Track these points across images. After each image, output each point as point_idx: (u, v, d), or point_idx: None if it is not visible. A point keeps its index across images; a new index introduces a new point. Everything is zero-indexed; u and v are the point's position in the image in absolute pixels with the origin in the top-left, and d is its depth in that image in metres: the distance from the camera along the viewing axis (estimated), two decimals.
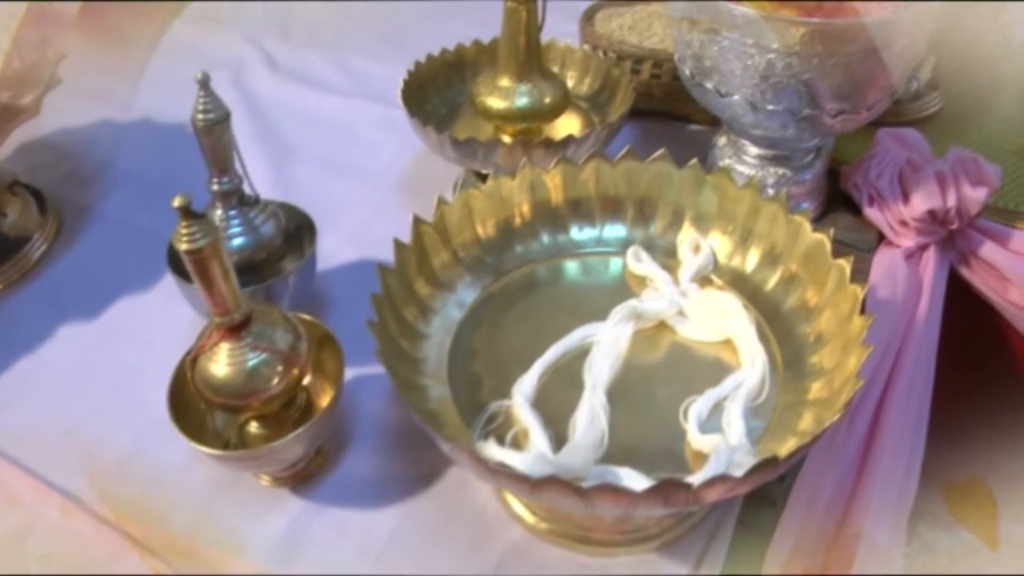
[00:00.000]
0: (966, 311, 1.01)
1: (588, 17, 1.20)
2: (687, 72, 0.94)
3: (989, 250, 0.99)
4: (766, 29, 0.83)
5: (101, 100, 1.28)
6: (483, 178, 0.85)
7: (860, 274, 0.96)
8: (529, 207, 0.86)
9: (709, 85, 0.91)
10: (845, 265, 0.74)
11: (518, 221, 0.86)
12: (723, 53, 0.87)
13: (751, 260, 0.83)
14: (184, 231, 0.64)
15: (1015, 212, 1.05)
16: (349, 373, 0.79)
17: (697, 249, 0.84)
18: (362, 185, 1.10)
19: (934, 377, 0.93)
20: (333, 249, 1.00)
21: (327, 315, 0.93)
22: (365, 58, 1.36)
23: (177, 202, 0.63)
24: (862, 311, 0.70)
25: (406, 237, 0.79)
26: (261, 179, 1.08)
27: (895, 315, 0.93)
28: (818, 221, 1.02)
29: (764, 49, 0.84)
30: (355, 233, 1.03)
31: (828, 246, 0.76)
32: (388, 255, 0.78)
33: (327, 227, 1.00)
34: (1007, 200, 1.06)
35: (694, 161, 0.84)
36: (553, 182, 0.85)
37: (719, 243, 0.85)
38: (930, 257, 0.99)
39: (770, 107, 0.88)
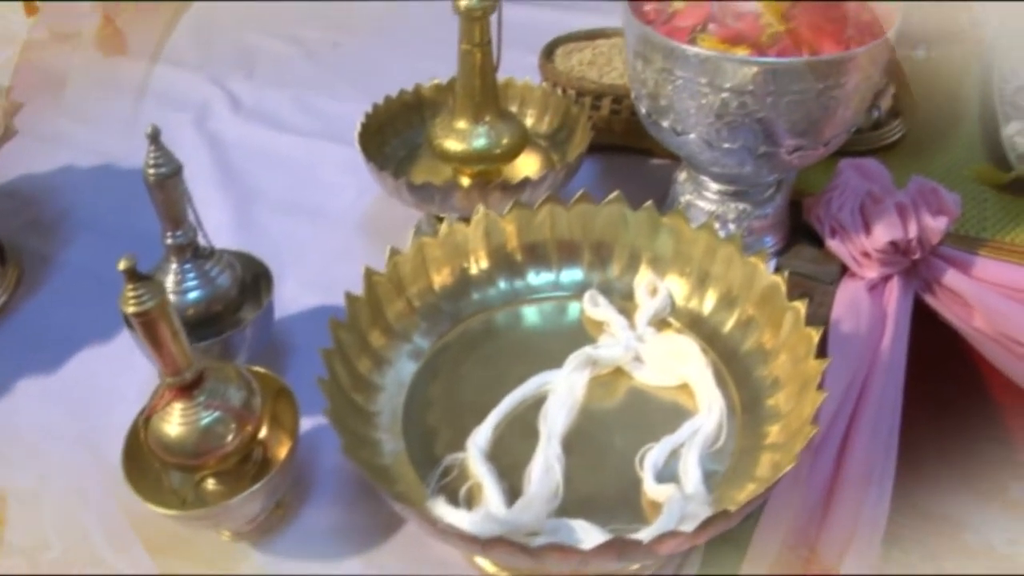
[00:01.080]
0: (935, 336, 1.01)
1: (548, 53, 1.20)
2: (643, 110, 0.94)
3: (952, 278, 0.99)
4: (719, 68, 0.83)
5: (64, 144, 1.28)
6: (443, 221, 0.85)
7: (823, 307, 0.96)
8: (485, 253, 0.86)
9: (665, 124, 0.91)
10: (800, 307, 0.73)
11: (474, 267, 0.86)
12: (677, 92, 0.87)
13: (708, 302, 0.83)
14: (131, 294, 0.63)
15: (976, 239, 1.05)
16: (310, 422, 0.79)
17: (654, 292, 0.84)
18: (324, 228, 1.10)
19: (902, 405, 0.93)
20: (294, 295, 0.99)
21: (287, 363, 0.92)
22: (328, 97, 1.36)
23: (122, 265, 0.63)
24: (821, 354, 0.70)
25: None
26: (223, 224, 1.09)
27: (859, 348, 0.93)
28: (781, 254, 1.02)
29: (718, 88, 0.84)
30: (317, 278, 1.02)
31: (783, 289, 0.76)
32: None
33: (289, 272, 0.99)
34: (968, 227, 1.06)
35: (649, 203, 0.84)
36: (508, 228, 0.85)
37: (676, 285, 0.85)
38: (894, 287, 0.99)
39: (726, 145, 0.88)
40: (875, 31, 0.88)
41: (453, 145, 0.96)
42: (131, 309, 0.63)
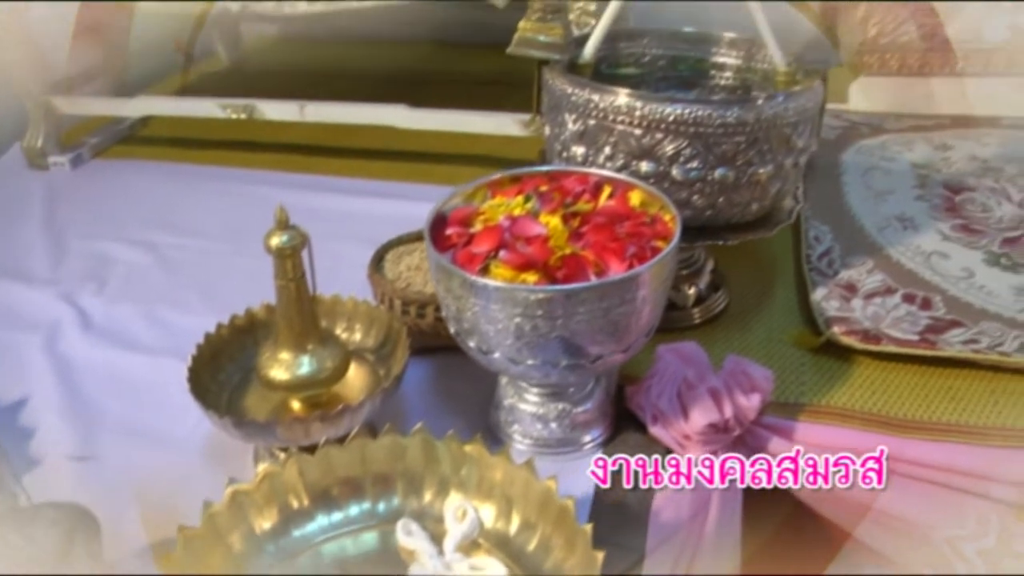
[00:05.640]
0: (771, 501, 1.06)
1: (377, 260, 1.24)
2: (452, 330, 0.98)
3: (777, 445, 1.04)
4: (508, 297, 0.88)
5: None
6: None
7: (651, 493, 1.00)
8: (303, 490, 0.88)
9: (472, 343, 0.95)
10: (587, 531, 0.77)
11: (294, 505, 0.88)
12: (476, 317, 0.91)
13: (514, 524, 0.86)
14: None
15: (796, 404, 1.11)
16: None
17: (463, 516, 0.87)
18: (167, 453, 1.09)
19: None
20: (136, 532, 0.99)
21: None
22: (177, 310, 1.37)
23: None
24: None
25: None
26: (63, 457, 1.09)
27: (680, 536, 0.97)
28: (606, 444, 1.06)
29: (511, 314, 0.89)
30: (157, 511, 1.02)
31: (573, 512, 0.80)
32: None
33: (130, 506, 1.01)
34: (788, 394, 1.12)
35: (451, 433, 0.88)
36: (321, 465, 0.88)
37: (485, 508, 0.88)
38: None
39: (529, 362, 0.93)
40: (664, 238, 0.94)
41: (279, 375, 0.99)
42: None
